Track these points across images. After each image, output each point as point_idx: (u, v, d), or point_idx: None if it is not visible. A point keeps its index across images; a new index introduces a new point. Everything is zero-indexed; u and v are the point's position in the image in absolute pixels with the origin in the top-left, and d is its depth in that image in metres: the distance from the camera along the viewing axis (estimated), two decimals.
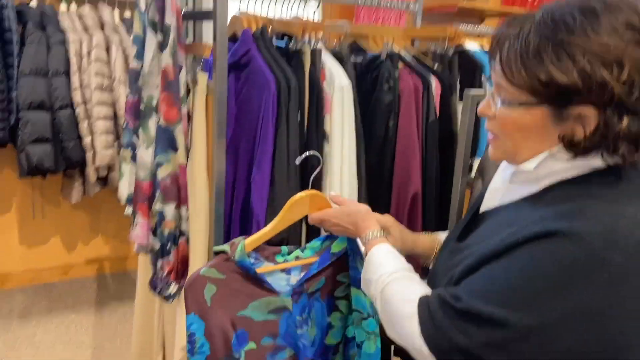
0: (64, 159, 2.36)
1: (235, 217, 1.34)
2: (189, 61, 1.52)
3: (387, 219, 1.07)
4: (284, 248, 1.14)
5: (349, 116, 1.32)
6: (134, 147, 1.51)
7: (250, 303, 1.10)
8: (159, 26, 1.28)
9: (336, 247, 1.13)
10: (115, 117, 2.45)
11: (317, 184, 1.40)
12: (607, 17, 0.70)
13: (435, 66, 1.78)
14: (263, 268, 1.11)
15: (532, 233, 0.71)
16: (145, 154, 1.33)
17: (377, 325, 1.13)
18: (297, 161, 1.22)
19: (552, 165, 0.78)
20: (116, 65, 2.42)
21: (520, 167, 0.81)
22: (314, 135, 1.29)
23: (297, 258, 1.13)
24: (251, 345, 1.11)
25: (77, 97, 2.35)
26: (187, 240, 1.34)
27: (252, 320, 1.10)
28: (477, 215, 0.92)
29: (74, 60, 2.34)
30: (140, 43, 1.43)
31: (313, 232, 1.40)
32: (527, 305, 0.70)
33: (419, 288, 0.85)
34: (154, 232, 1.32)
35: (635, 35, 0.69)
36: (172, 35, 1.30)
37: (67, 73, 2.33)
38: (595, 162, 0.75)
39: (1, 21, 2.21)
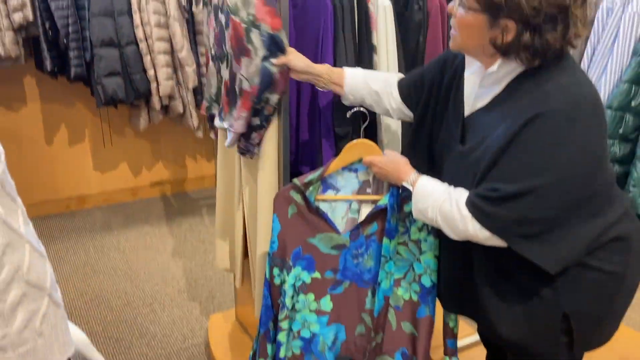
0: (133, 90, 2.78)
1: (303, 119, 1.73)
2: None
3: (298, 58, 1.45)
4: None
5: (391, 31, 1.68)
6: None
7: (318, 234, 1.46)
8: None
9: (382, 201, 1.42)
10: (172, 51, 2.84)
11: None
12: None
13: None
14: (328, 196, 1.49)
15: (523, 121, 1.03)
16: (256, 60, 1.54)
17: (394, 266, 1.43)
18: (348, 114, 1.57)
19: (507, 66, 1.11)
20: (170, 3, 2.78)
21: (487, 71, 1.15)
22: (365, 47, 1.66)
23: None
24: (316, 274, 1.47)
25: (139, 33, 2.74)
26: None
27: (319, 250, 1.46)
28: (464, 120, 1.24)
29: (134, 0, 2.71)
30: None
31: None
32: (541, 170, 1.02)
33: (462, 195, 1.13)
34: (257, 112, 1.60)
35: None
36: None
37: (130, 12, 2.71)
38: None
39: None
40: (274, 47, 1.50)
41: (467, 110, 1.23)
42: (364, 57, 1.69)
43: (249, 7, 1.51)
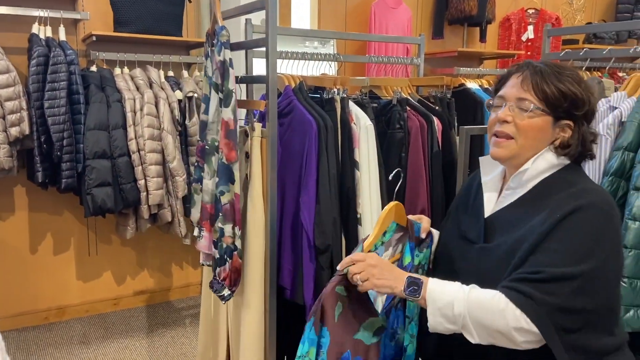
0: (122, 200, 2.85)
1: (285, 231, 1.79)
2: (243, 113, 2.00)
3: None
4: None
5: (373, 149, 1.80)
6: (202, 181, 1.97)
7: (361, 324, 1.32)
8: (220, 88, 1.76)
9: (406, 261, 1.37)
10: (164, 162, 2.96)
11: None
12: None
13: (437, 107, 2.27)
14: None
15: (567, 210, 1.12)
16: (210, 183, 1.80)
17: (417, 328, 1.35)
18: (390, 177, 1.66)
19: (537, 166, 1.22)
20: (164, 117, 2.95)
21: (520, 169, 1.22)
22: (348, 163, 1.76)
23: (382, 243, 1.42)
24: None
25: (132, 146, 2.87)
26: (240, 255, 1.79)
27: (364, 343, 1.32)
28: (486, 221, 1.28)
29: (129, 115, 2.87)
30: (208, 101, 1.93)
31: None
32: (586, 256, 1.08)
33: (488, 290, 1.11)
34: (215, 245, 1.78)
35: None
36: (233, 97, 1.77)
37: (124, 126, 2.87)
38: (558, 161, 1.22)
39: (70, 85, 2.75)
40: (226, 176, 1.72)
41: (488, 211, 1.29)
42: (347, 172, 1.79)
43: (213, 132, 1.68)
